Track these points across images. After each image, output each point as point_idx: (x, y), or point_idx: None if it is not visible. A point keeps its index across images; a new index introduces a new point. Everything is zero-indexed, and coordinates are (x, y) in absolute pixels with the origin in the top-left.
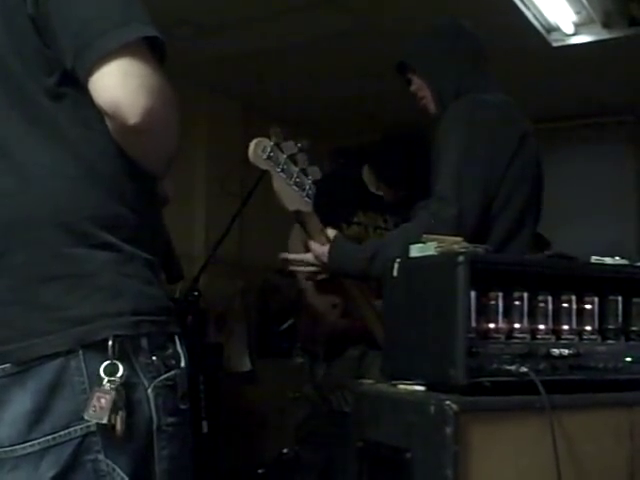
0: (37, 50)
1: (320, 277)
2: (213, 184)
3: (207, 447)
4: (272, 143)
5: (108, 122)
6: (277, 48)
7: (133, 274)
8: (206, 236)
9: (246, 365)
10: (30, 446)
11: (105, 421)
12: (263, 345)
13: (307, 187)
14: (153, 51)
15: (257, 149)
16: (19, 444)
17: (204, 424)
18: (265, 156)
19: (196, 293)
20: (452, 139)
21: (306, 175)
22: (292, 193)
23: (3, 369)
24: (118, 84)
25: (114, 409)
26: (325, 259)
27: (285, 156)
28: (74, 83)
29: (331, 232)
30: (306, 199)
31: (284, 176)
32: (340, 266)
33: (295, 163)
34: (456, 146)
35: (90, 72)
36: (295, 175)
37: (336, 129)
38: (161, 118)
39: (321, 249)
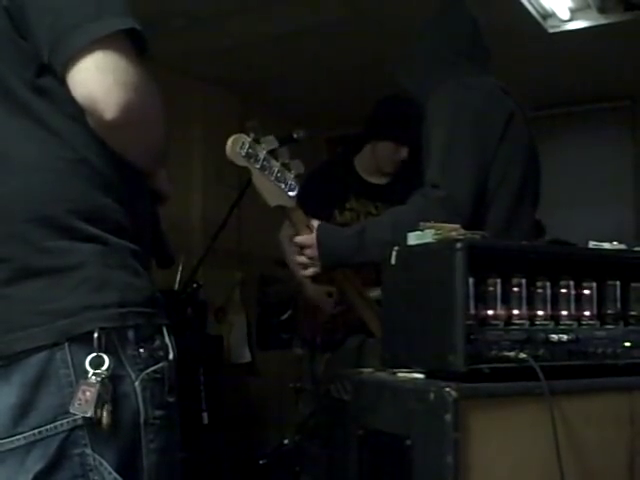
0: (14, 42)
1: (313, 271)
2: (210, 176)
3: (208, 439)
4: (250, 139)
5: (87, 117)
6: (273, 38)
7: (119, 266)
8: (204, 228)
9: (246, 357)
10: (16, 440)
11: (90, 414)
12: (263, 336)
13: (289, 182)
14: (133, 42)
15: (235, 146)
16: (5, 438)
17: (204, 416)
18: (243, 153)
19: (195, 285)
20: (438, 124)
21: (288, 169)
22: (273, 189)
23: None
24: (93, 80)
25: (100, 402)
26: (316, 248)
27: (265, 151)
28: (53, 75)
29: (315, 223)
30: (289, 194)
31: (264, 172)
32: (331, 249)
33: (276, 158)
34: (442, 131)
35: (66, 68)
36: (276, 170)
37: (334, 119)
38: (139, 112)
39: (310, 239)
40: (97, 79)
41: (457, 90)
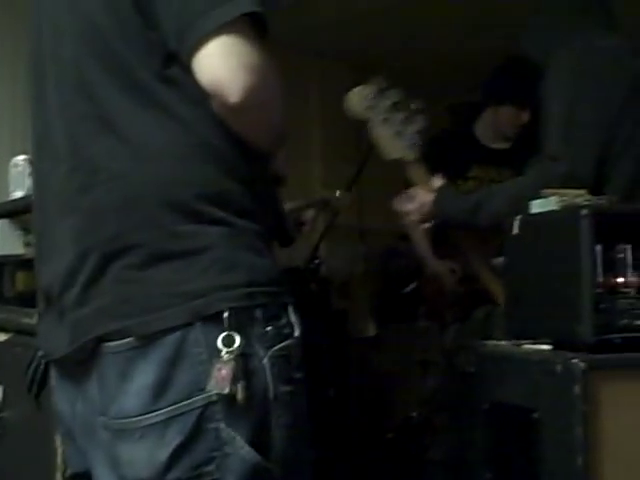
0: (141, 33)
1: (425, 225)
2: (329, 151)
3: (334, 413)
4: (374, 91)
5: (212, 101)
6: (385, 8)
7: (245, 247)
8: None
9: (371, 330)
10: (155, 416)
11: (227, 391)
12: (387, 310)
13: (410, 135)
14: (255, 25)
15: (357, 98)
16: (145, 414)
17: (331, 390)
18: (365, 104)
19: (317, 261)
20: (558, 92)
21: (410, 123)
22: (393, 141)
23: (126, 343)
24: (219, 64)
25: (234, 379)
26: (429, 207)
27: (387, 104)
28: (180, 63)
29: (438, 181)
30: (409, 147)
31: (385, 124)
32: (445, 215)
33: (398, 111)
34: (562, 99)
35: (192, 53)
36: (397, 123)
37: (450, 86)
38: (263, 96)
39: (426, 197)
40: (222, 63)
41: (578, 55)
